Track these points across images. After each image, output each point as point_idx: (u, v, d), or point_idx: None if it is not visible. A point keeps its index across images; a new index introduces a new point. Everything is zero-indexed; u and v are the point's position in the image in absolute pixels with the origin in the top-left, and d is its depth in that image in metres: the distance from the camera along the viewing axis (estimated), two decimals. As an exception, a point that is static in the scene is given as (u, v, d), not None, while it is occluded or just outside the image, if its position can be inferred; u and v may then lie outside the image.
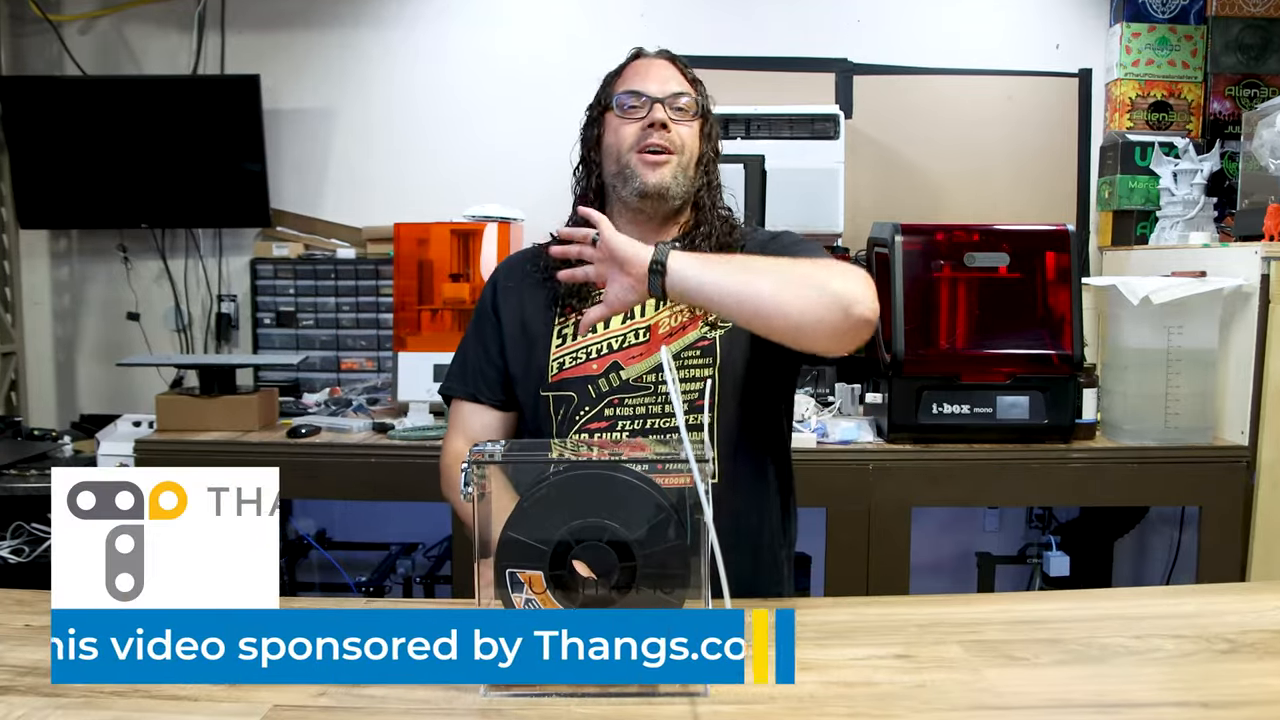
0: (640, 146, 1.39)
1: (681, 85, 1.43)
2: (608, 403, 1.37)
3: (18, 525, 2.48)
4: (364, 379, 3.00)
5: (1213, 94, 3.01)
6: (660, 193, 1.39)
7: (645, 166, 1.39)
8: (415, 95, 3.15)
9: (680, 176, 1.40)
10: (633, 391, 1.37)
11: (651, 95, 1.40)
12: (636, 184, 1.39)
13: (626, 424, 1.37)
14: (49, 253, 3.27)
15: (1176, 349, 2.34)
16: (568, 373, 1.39)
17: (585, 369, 1.39)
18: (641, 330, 1.40)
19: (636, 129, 1.40)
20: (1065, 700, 1.00)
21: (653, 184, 1.39)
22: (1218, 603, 1.29)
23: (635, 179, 1.39)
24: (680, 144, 1.40)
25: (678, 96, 1.41)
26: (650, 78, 1.42)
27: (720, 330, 1.38)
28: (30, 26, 3.16)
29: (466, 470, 1.02)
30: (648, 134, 1.39)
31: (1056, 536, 2.78)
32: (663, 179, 1.39)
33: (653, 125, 1.38)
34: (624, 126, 1.41)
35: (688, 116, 1.42)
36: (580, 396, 1.38)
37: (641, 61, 1.46)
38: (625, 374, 1.38)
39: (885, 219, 2.49)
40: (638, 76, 1.43)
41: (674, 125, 1.40)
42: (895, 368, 2.32)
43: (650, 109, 1.39)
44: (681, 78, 1.44)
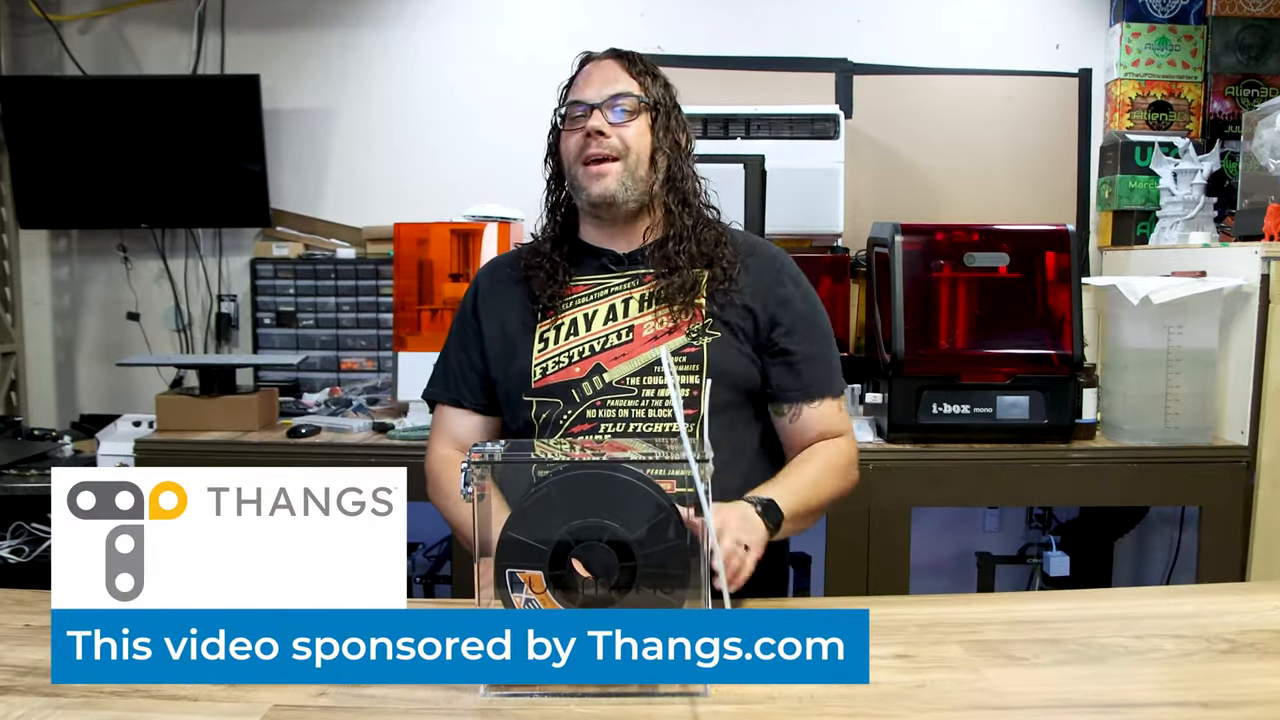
0: (583, 158, 1.38)
1: (625, 84, 1.39)
2: (590, 405, 1.37)
3: (18, 525, 2.48)
4: (364, 379, 3.00)
5: (1213, 94, 3.01)
6: (607, 201, 1.39)
7: (589, 178, 1.38)
8: (415, 95, 3.15)
9: (628, 180, 1.38)
10: (616, 394, 1.37)
11: (589, 102, 1.38)
12: (583, 195, 1.40)
13: (609, 426, 1.37)
14: (49, 253, 3.27)
15: (1176, 349, 2.34)
16: (551, 377, 1.39)
17: (569, 373, 1.38)
18: (624, 330, 1.40)
19: (579, 139, 1.38)
20: (1065, 700, 1.00)
21: (597, 194, 1.38)
22: (1218, 603, 1.29)
23: (581, 191, 1.39)
24: (624, 146, 1.38)
25: (616, 99, 1.38)
26: (591, 83, 1.40)
27: (708, 338, 1.38)
28: (30, 26, 3.16)
29: (466, 470, 1.02)
30: (587, 143, 1.37)
31: (1056, 536, 2.78)
32: (606, 188, 1.38)
33: (590, 134, 1.37)
34: (569, 138, 1.40)
35: (630, 116, 1.39)
36: (564, 401, 1.38)
37: (589, 66, 1.44)
38: (609, 376, 1.37)
39: (885, 219, 2.48)
40: (582, 83, 1.41)
41: (614, 129, 1.37)
42: (895, 368, 2.32)
43: (590, 116, 1.38)
44: (627, 76, 1.41)
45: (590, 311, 1.42)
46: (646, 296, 1.41)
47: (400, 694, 1.00)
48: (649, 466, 1.04)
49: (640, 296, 1.42)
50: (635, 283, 1.43)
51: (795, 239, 2.69)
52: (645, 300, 1.41)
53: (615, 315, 1.40)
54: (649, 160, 1.40)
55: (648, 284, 1.42)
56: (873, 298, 2.51)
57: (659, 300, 1.40)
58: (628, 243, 1.45)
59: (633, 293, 1.42)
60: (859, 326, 2.69)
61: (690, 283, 1.39)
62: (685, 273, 1.39)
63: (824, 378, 1.44)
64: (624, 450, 1.15)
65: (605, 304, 1.42)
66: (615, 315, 1.40)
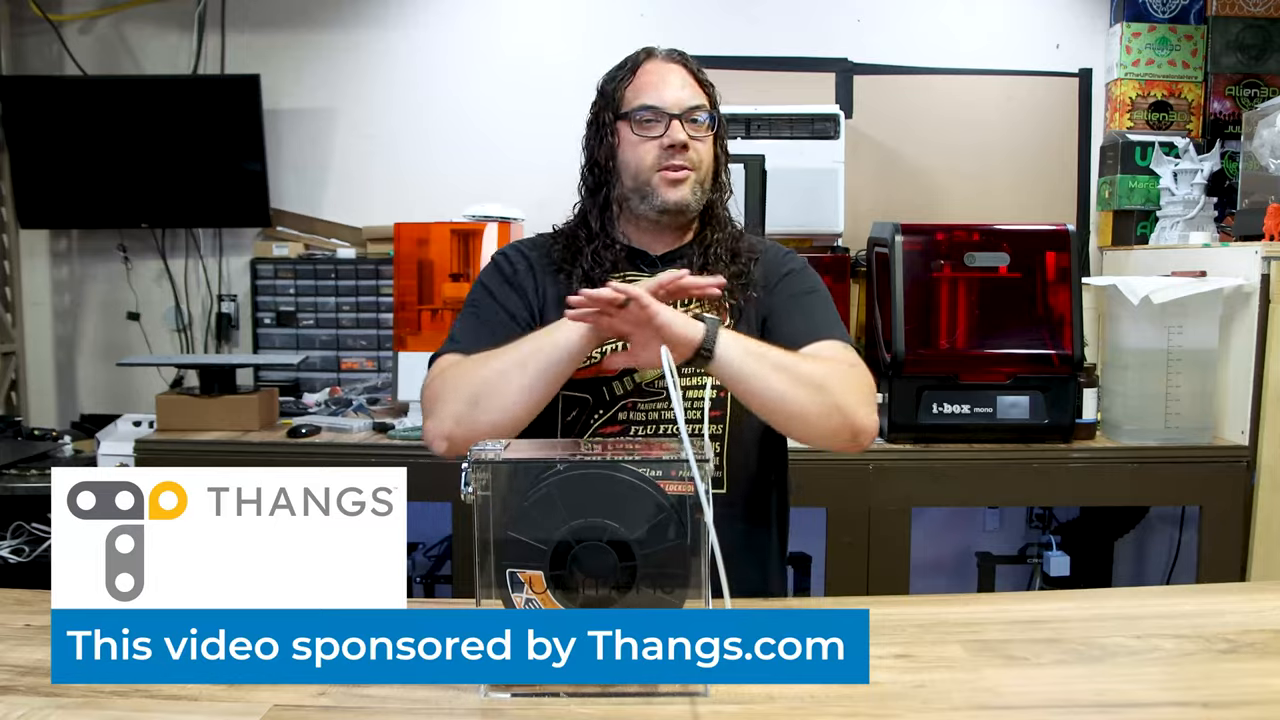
0: (661, 166, 1.36)
1: (697, 96, 1.39)
2: (621, 406, 1.36)
3: (18, 525, 2.49)
4: (364, 379, 3.00)
5: (1213, 94, 3.01)
6: (680, 209, 1.38)
7: (666, 185, 1.36)
8: (415, 95, 3.15)
9: (698, 190, 1.39)
10: (646, 396, 1.36)
11: (669, 111, 1.36)
12: (657, 202, 1.37)
13: (640, 429, 1.36)
14: (49, 253, 3.27)
15: (1176, 349, 2.34)
16: (584, 373, 1.35)
17: (600, 369, 1.36)
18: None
19: (656, 148, 1.36)
20: (1065, 700, 1.00)
21: (674, 201, 1.37)
22: (1218, 603, 1.29)
23: (656, 197, 1.37)
24: (699, 159, 1.38)
25: (695, 111, 1.37)
26: (666, 88, 1.37)
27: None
28: (30, 26, 3.16)
29: (466, 470, 1.02)
30: (668, 154, 1.36)
31: (1056, 536, 2.78)
32: (683, 196, 1.37)
33: (673, 146, 1.35)
34: (642, 145, 1.37)
35: (705, 130, 1.39)
36: (595, 399, 1.37)
37: (654, 66, 1.40)
38: (639, 377, 1.36)
39: (885, 219, 2.49)
40: (652, 87, 1.38)
41: (693, 142, 1.37)
42: (895, 368, 2.32)
43: (668, 127, 1.36)
44: (696, 85, 1.40)
45: None
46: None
47: (400, 694, 1.00)
48: (649, 467, 1.04)
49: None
50: None
51: (795, 239, 2.69)
52: (676, 302, 1.39)
53: None
54: (714, 174, 1.42)
55: None
56: (873, 298, 2.51)
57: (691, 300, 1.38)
58: (664, 244, 1.44)
59: None
60: (859, 326, 2.69)
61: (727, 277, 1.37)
62: (718, 267, 1.38)
63: (808, 328, 1.38)
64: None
65: None
66: None
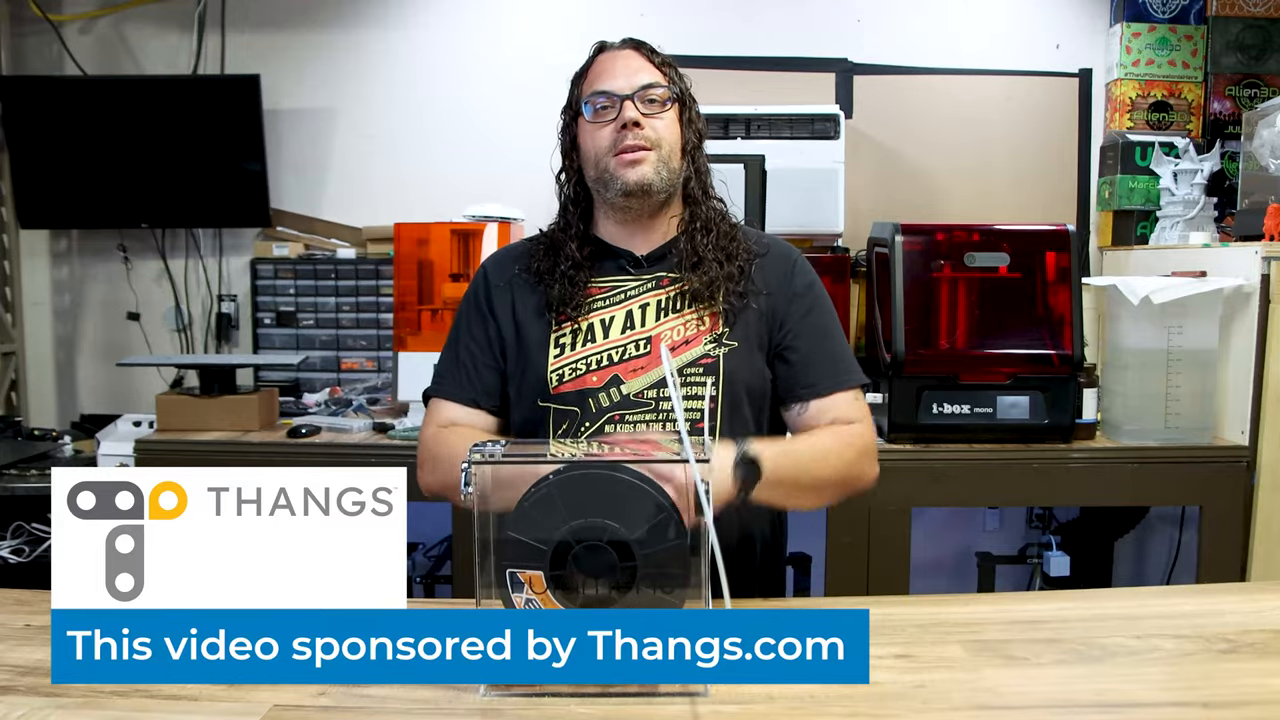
0: (616, 149, 1.34)
1: (651, 75, 1.37)
2: (608, 418, 1.34)
3: (18, 525, 2.49)
4: (364, 379, 3.00)
5: (1213, 94, 3.01)
6: (643, 189, 1.35)
7: (623, 167, 1.34)
8: (415, 95, 3.15)
9: (662, 169, 1.36)
10: (634, 408, 1.34)
11: (619, 93, 1.35)
12: (618, 185, 1.35)
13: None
14: (49, 253, 3.27)
15: (1176, 349, 2.34)
16: (568, 385, 1.35)
17: (585, 381, 1.35)
18: (642, 341, 1.36)
19: (610, 131, 1.35)
20: (1065, 700, 1.00)
21: (634, 181, 1.34)
22: (1218, 603, 1.29)
23: (616, 180, 1.35)
24: (657, 137, 1.35)
25: (648, 89, 1.35)
26: (616, 73, 1.36)
27: (725, 348, 1.36)
28: (30, 26, 3.16)
29: (466, 470, 1.01)
30: (622, 135, 1.34)
31: (1056, 536, 2.78)
32: (643, 175, 1.34)
33: (625, 126, 1.34)
34: (598, 131, 1.36)
35: (661, 107, 1.36)
36: (582, 411, 1.35)
37: (606, 56, 1.40)
38: (626, 389, 1.34)
39: (885, 219, 2.48)
40: (604, 74, 1.37)
41: (647, 120, 1.35)
42: (895, 368, 2.32)
43: (620, 108, 1.34)
44: (650, 66, 1.38)
45: (608, 317, 1.38)
46: (664, 302, 1.38)
47: (400, 694, 1.00)
48: (649, 466, 1.04)
49: (658, 302, 1.38)
50: (653, 286, 1.39)
51: (795, 239, 2.67)
52: (664, 307, 1.38)
53: (633, 323, 1.37)
54: (680, 152, 1.39)
55: (665, 287, 1.39)
56: (873, 298, 2.51)
57: (680, 301, 1.37)
58: (647, 242, 1.41)
59: (650, 297, 1.39)
60: (859, 326, 2.69)
61: (713, 279, 1.36)
62: (710, 265, 1.36)
63: (832, 372, 1.40)
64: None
65: (622, 310, 1.38)
66: (633, 323, 1.37)
